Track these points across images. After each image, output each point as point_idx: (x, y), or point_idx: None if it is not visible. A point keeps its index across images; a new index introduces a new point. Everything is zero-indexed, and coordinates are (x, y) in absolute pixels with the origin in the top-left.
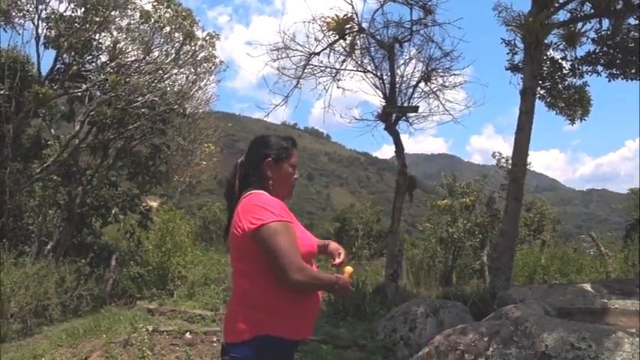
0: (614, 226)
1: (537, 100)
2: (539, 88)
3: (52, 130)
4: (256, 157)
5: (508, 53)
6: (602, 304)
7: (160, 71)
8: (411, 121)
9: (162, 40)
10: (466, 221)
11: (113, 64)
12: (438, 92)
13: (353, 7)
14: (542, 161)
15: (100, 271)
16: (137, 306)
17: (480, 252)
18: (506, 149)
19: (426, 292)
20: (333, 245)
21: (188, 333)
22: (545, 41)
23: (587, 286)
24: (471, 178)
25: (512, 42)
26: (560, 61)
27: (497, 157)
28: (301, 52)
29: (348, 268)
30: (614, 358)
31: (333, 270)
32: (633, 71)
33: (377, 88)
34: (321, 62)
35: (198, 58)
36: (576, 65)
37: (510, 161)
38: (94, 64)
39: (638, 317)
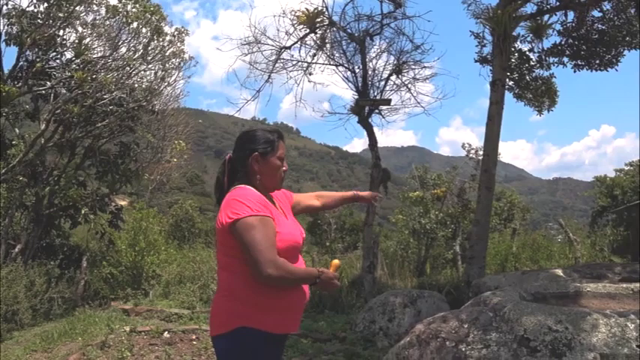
0: (579, 214)
1: (506, 91)
2: (507, 80)
3: (17, 130)
4: (243, 153)
5: (477, 46)
6: (575, 287)
7: (128, 68)
8: (383, 113)
9: (129, 36)
10: (438, 212)
11: (79, 60)
12: (409, 85)
13: (323, 1)
14: (510, 152)
15: (70, 272)
16: (112, 307)
17: (452, 242)
18: (475, 140)
19: (401, 283)
20: (366, 194)
21: (166, 332)
22: (513, 33)
23: (559, 272)
24: (440, 169)
25: (481, 34)
26: (527, 52)
27: (466, 149)
28: (272, 46)
29: (335, 262)
30: (590, 339)
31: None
32: (598, 62)
33: (349, 81)
34: (292, 56)
35: (167, 54)
36: (543, 57)
37: (480, 152)
38: (58, 60)
39: (610, 299)
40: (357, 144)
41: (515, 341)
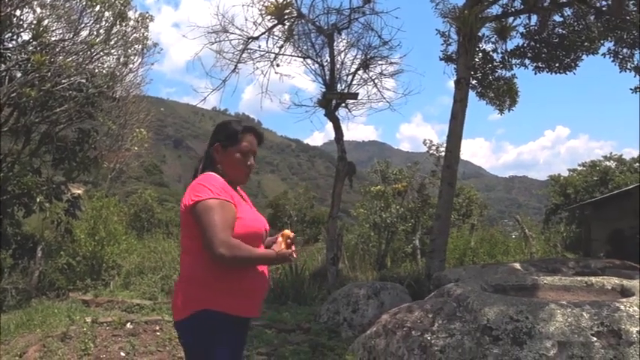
0: (533, 211)
1: (469, 89)
2: (471, 79)
3: None
4: (210, 142)
5: (442, 44)
6: (532, 280)
7: (89, 52)
8: (349, 107)
9: (91, 19)
10: (399, 206)
11: (36, 42)
12: (376, 80)
13: None
14: (469, 149)
15: (24, 263)
16: (70, 298)
17: (412, 236)
18: (435, 137)
19: (362, 276)
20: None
21: (129, 323)
22: (479, 34)
23: (517, 265)
24: (401, 164)
25: (447, 33)
26: (491, 53)
27: (427, 145)
28: (239, 35)
29: (286, 232)
30: (548, 327)
31: None
32: (557, 65)
33: (317, 74)
34: (259, 47)
35: (130, 40)
36: (506, 58)
37: (441, 149)
38: (14, 42)
39: (565, 291)
40: (318, 137)
41: (478, 330)
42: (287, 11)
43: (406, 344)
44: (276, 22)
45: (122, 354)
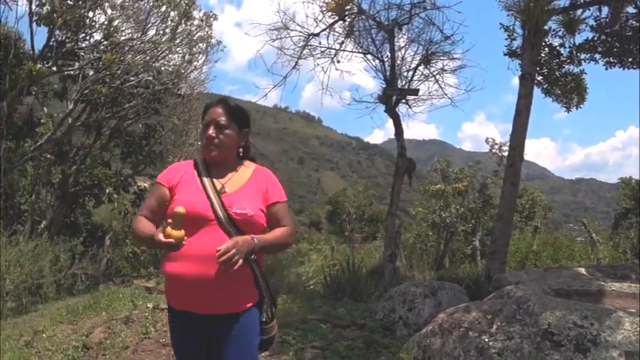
0: (600, 215)
1: (534, 86)
2: (536, 74)
3: (45, 109)
4: None
5: (507, 39)
6: (598, 286)
7: (156, 50)
8: (410, 103)
9: (158, 19)
10: (459, 206)
11: (107, 42)
12: (437, 76)
13: None
14: (533, 149)
15: (93, 250)
16: (134, 284)
17: (472, 237)
18: (498, 137)
19: (419, 276)
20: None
21: None
22: (545, 27)
23: (582, 270)
24: (461, 164)
25: (512, 27)
26: (558, 47)
27: (490, 143)
28: (300, 32)
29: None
30: (615, 336)
31: None
32: (630, 60)
33: (377, 70)
34: (320, 43)
35: (195, 38)
36: (574, 52)
37: (504, 148)
38: (87, 42)
39: (634, 299)
40: (378, 135)
41: (538, 334)
42: (348, 7)
43: (462, 345)
44: (336, 18)
45: None
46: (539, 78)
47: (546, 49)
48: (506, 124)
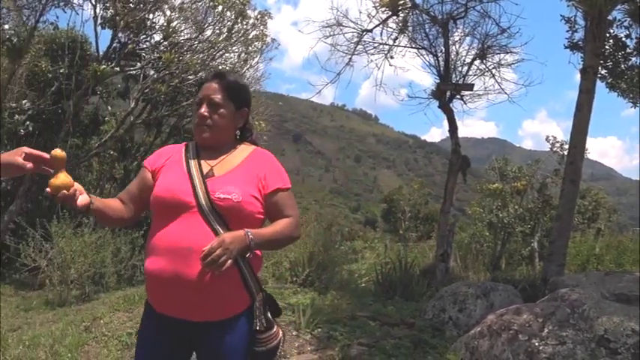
0: None
1: (597, 80)
2: (600, 68)
3: (109, 107)
4: None
5: (567, 31)
6: None
7: (213, 50)
8: (465, 99)
9: (214, 19)
10: (517, 206)
11: (166, 42)
12: (493, 70)
13: None
14: (599, 148)
15: None
16: None
17: (530, 239)
18: (560, 135)
19: (474, 276)
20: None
21: None
22: (609, 17)
23: None
24: (521, 163)
25: (573, 18)
26: (624, 39)
27: (551, 142)
28: (353, 29)
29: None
30: None
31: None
32: None
33: (431, 65)
34: (374, 39)
35: (250, 37)
36: None
37: (565, 146)
38: (148, 42)
39: None
40: (435, 133)
41: (593, 340)
42: (401, 2)
43: (511, 348)
44: (390, 13)
45: None
46: (603, 71)
47: (611, 40)
48: (569, 121)
